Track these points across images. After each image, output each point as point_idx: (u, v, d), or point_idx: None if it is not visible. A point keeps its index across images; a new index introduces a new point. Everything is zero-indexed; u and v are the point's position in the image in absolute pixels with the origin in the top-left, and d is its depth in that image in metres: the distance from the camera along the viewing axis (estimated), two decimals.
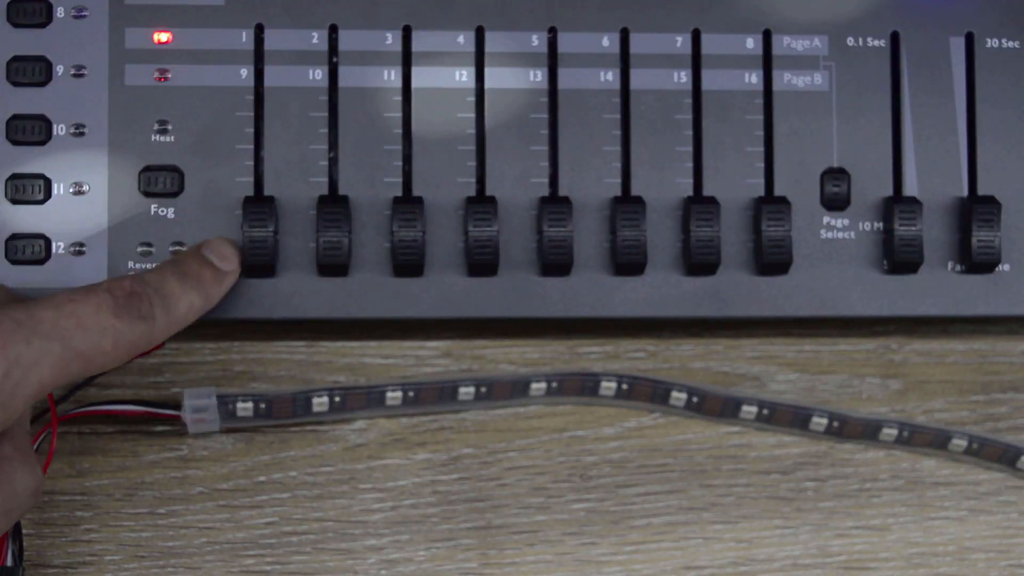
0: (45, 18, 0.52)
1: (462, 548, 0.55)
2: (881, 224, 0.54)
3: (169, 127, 0.52)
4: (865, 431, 0.56)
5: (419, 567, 0.55)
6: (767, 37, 0.54)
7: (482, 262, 0.52)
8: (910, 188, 0.54)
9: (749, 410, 0.56)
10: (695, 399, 0.56)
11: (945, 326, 0.58)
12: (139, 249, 0.52)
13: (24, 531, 0.53)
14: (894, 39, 0.54)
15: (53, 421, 0.52)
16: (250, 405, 0.54)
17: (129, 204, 0.52)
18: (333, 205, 0.52)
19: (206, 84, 0.53)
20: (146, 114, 0.52)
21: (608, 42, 0.54)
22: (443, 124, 0.53)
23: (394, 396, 0.55)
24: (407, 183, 0.53)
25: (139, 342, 0.46)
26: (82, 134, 0.52)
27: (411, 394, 0.55)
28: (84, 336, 0.44)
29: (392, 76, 0.53)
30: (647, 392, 0.56)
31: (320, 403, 0.54)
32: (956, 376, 0.58)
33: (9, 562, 0.52)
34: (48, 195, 0.52)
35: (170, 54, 0.52)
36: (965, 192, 0.54)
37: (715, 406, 0.56)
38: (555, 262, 0.52)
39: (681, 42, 0.54)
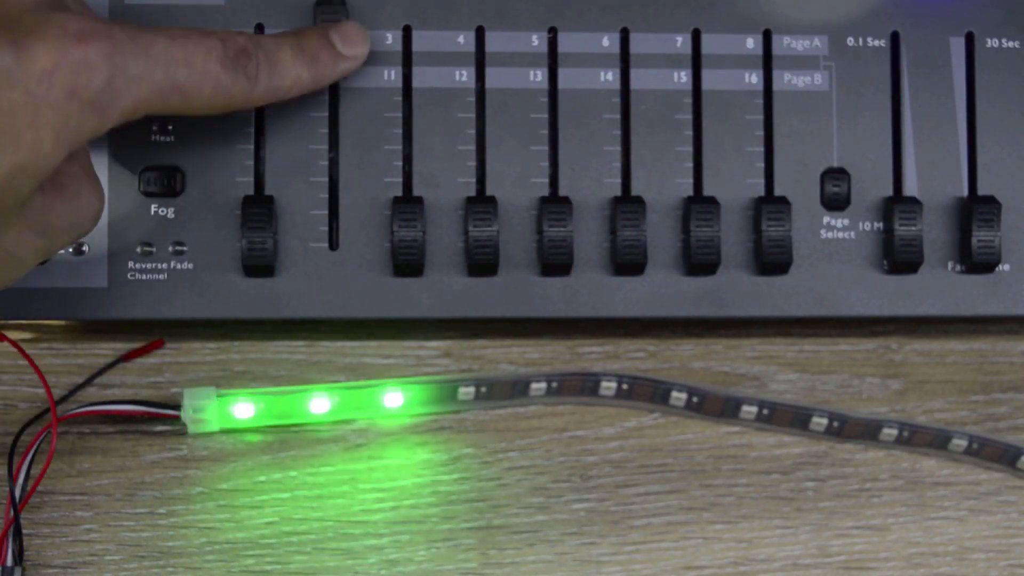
0: None
1: (462, 548, 0.55)
2: (881, 224, 0.54)
3: (169, 127, 0.52)
4: (865, 431, 0.57)
5: (419, 567, 0.55)
6: (767, 37, 0.54)
7: (482, 262, 0.52)
8: (910, 188, 0.54)
9: (749, 410, 0.56)
10: (695, 399, 0.56)
11: (945, 326, 0.58)
12: (139, 249, 0.52)
13: (24, 531, 0.53)
14: (894, 39, 0.54)
15: (53, 421, 0.52)
16: (250, 405, 0.54)
17: (129, 204, 0.52)
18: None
19: None
20: None
21: (608, 42, 0.54)
22: (443, 124, 0.53)
23: (394, 396, 0.55)
24: (407, 183, 0.53)
25: (237, 98, 0.48)
26: None
27: (411, 394, 0.55)
28: (188, 72, 0.46)
29: (392, 76, 0.53)
30: (647, 392, 0.56)
31: (320, 403, 0.54)
32: (956, 376, 0.58)
33: (9, 562, 0.52)
34: None
35: None
36: (965, 192, 0.54)
37: (715, 406, 0.56)
38: (555, 262, 0.52)
39: (681, 42, 0.54)
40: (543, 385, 0.56)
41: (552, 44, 0.54)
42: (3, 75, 0.41)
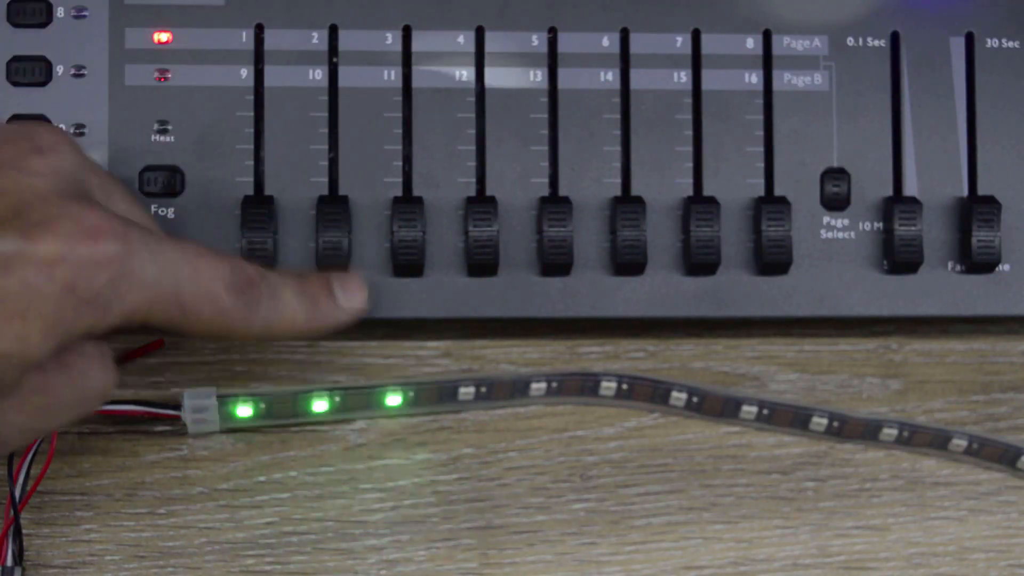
0: (45, 18, 0.52)
1: (462, 548, 0.55)
2: (881, 224, 0.54)
3: (169, 127, 0.52)
4: (865, 431, 0.57)
5: (419, 567, 0.55)
6: (767, 37, 0.54)
7: (482, 262, 0.52)
8: (910, 188, 0.54)
9: (749, 410, 0.56)
10: (695, 399, 0.56)
11: (945, 326, 0.58)
12: None
13: (24, 531, 0.53)
14: (894, 39, 0.54)
15: None
16: (250, 405, 0.54)
17: None
18: (333, 205, 0.52)
19: (206, 84, 0.53)
20: (146, 114, 0.52)
21: (608, 42, 0.54)
22: (443, 124, 0.53)
23: (395, 396, 0.55)
24: (407, 183, 0.53)
25: (234, 325, 0.46)
26: (82, 134, 0.52)
27: (411, 394, 0.55)
28: (193, 290, 0.45)
29: (392, 76, 0.53)
30: (647, 392, 0.56)
31: (320, 403, 0.54)
32: (956, 376, 0.58)
33: (9, 562, 0.52)
34: None
35: (170, 54, 0.53)
36: (965, 192, 0.54)
37: (715, 406, 0.56)
38: (555, 262, 0.52)
39: (681, 42, 0.54)
40: (543, 385, 0.56)
41: (552, 44, 0.54)
42: (5, 262, 0.40)
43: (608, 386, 0.56)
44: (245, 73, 0.53)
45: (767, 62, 0.54)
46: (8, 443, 0.44)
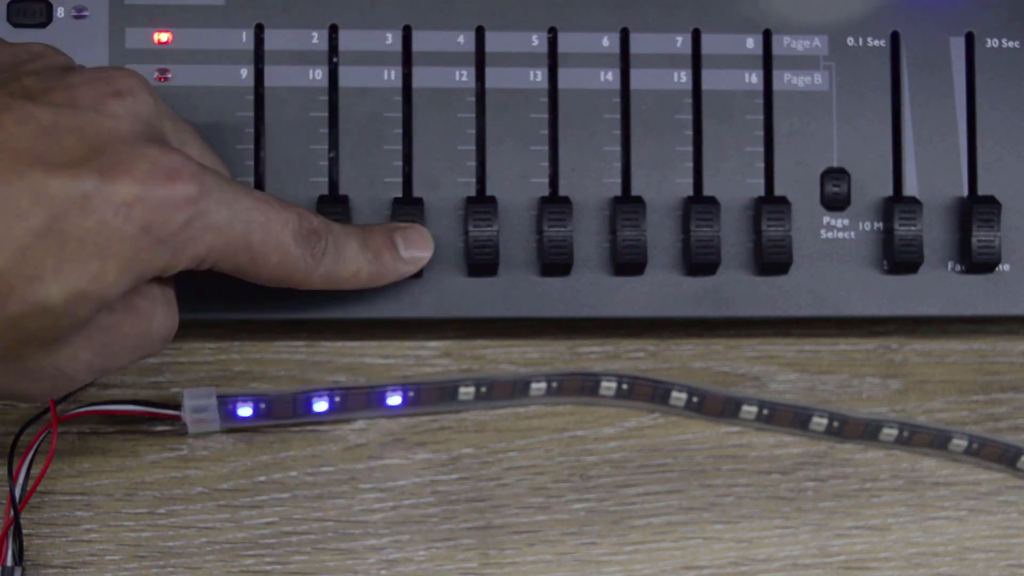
0: (45, 18, 0.52)
1: (462, 548, 0.55)
2: (881, 224, 0.54)
3: None
4: (865, 431, 0.57)
5: (419, 567, 0.55)
6: (767, 37, 0.54)
7: (482, 262, 0.52)
8: (910, 188, 0.54)
9: (749, 410, 0.56)
10: (695, 399, 0.56)
11: (945, 326, 0.58)
12: None
13: (24, 531, 0.53)
14: (894, 39, 0.54)
15: (53, 421, 0.52)
16: (250, 405, 0.54)
17: None
18: (333, 205, 0.52)
19: (206, 84, 0.53)
20: None
21: (608, 42, 0.54)
22: (443, 124, 0.53)
23: (394, 396, 0.55)
24: (407, 183, 0.53)
25: (298, 275, 0.47)
26: None
27: (411, 394, 0.55)
28: (263, 237, 0.46)
29: (392, 76, 0.53)
30: (647, 392, 0.56)
31: (320, 403, 0.54)
32: (956, 376, 0.58)
33: (9, 562, 0.52)
34: None
35: (170, 54, 0.53)
36: (965, 192, 0.54)
37: (715, 406, 0.56)
38: (555, 262, 0.52)
39: (681, 42, 0.54)
40: (543, 385, 0.56)
41: (552, 44, 0.54)
42: (82, 201, 0.41)
43: (608, 386, 0.56)
44: (245, 73, 0.53)
45: (767, 62, 0.54)
46: (75, 379, 0.44)
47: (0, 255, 0.40)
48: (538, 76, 0.53)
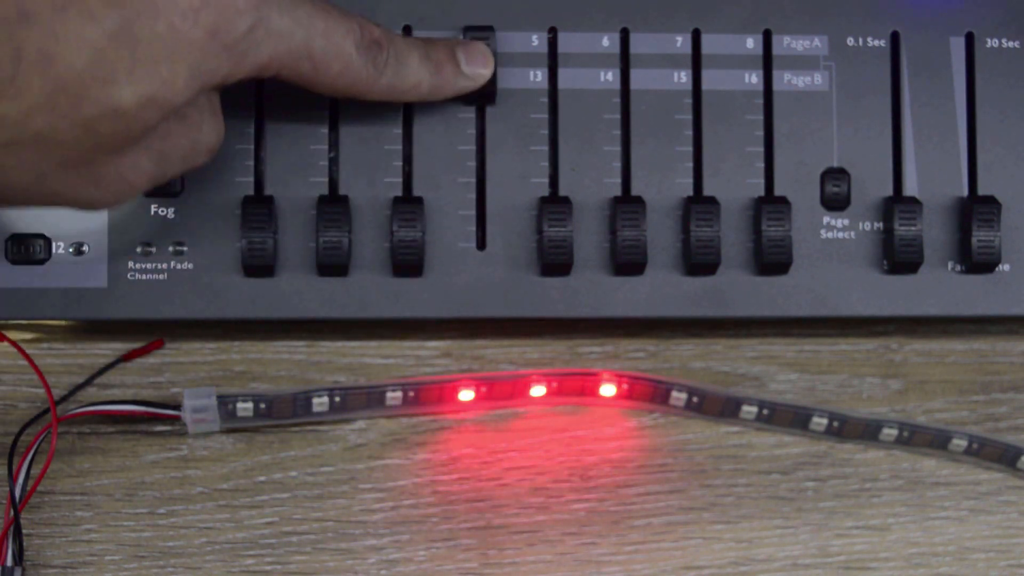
0: None
1: (462, 548, 0.55)
2: (881, 224, 0.54)
3: None
4: (865, 431, 0.57)
5: (419, 567, 0.55)
6: (767, 37, 0.54)
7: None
8: (910, 188, 0.54)
9: (749, 410, 0.56)
10: (695, 399, 0.56)
11: (945, 326, 0.58)
12: (139, 249, 0.52)
13: (24, 531, 0.53)
14: (894, 39, 0.54)
15: (53, 421, 0.52)
16: (250, 405, 0.54)
17: (129, 204, 0.52)
18: (333, 205, 0.52)
19: None
20: None
21: (608, 42, 0.54)
22: (443, 124, 0.53)
23: (394, 396, 0.55)
24: (407, 183, 0.53)
25: (360, 84, 0.48)
26: None
27: (411, 394, 0.55)
28: (325, 44, 0.46)
29: None
30: (647, 392, 0.56)
31: (320, 403, 0.54)
32: (956, 376, 0.58)
33: (9, 562, 0.52)
34: None
35: None
36: (965, 192, 0.54)
37: (715, 406, 0.56)
38: (555, 262, 0.52)
39: (681, 42, 0.54)
40: (543, 385, 0.56)
41: (552, 44, 0.54)
42: (150, 5, 0.41)
43: (609, 386, 0.56)
44: None
45: (767, 62, 0.54)
46: (135, 186, 0.45)
47: (76, 57, 0.40)
48: (538, 76, 0.53)
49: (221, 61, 0.43)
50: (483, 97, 0.52)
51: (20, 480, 0.52)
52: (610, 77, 0.54)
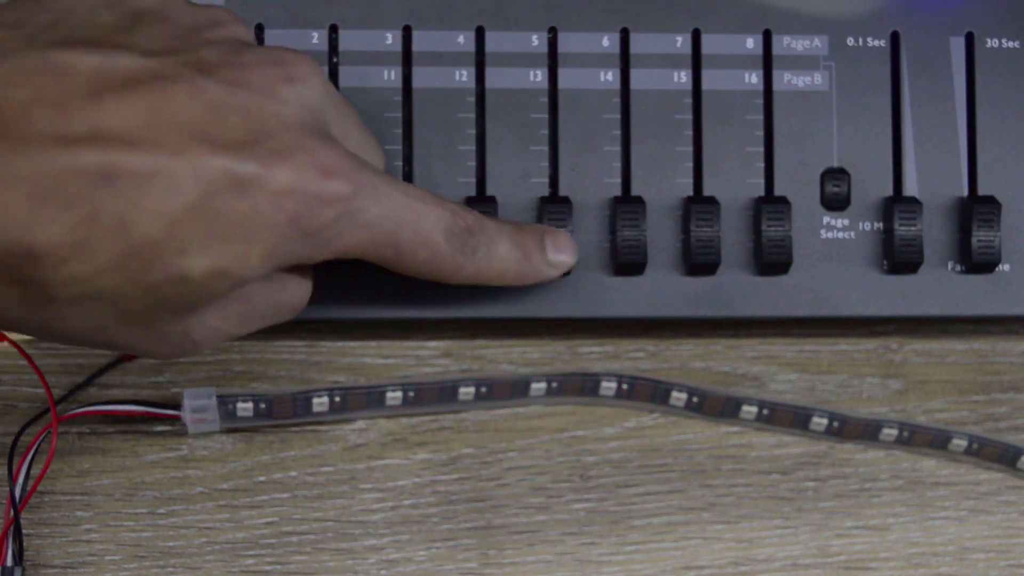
0: None
1: (462, 548, 0.55)
2: (881, 224, 0.54)
3: None
4: (865, 431, 0.57)
5: (419, 567, 0.55)
6: (767, 37, 0.54)
7: None
8: (910, 188, 0.54)
9: (749, 410, 0.56)
10: (695, 399, 0.56)
11: (945, 326, 0.58)
12: None
13: (24, 531, 0.53)
14: (894, 39, 0.54)
15: (53, 421, 0.52)
16: (250, 405, 0.54)
17: None
18: None
19: None
20: None
21: (608, 42, 0.54)
22: (443, 124, 0.53)
23: (394, 396, 0.55)
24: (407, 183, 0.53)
25: (445, 271, 0.47)
26: None
27: (411, 394, 0.55)
28: (412, 235, 0.46)
29: (392, 76, 0.53)
30: (647, 392, 0.56)
31: (320, 403, 0.54)
32: (956, 376, 0.58)
33: (9, 562, 0.52)
34: None
35: None
36: (965, 192, 0.54)
37: (715, 406, 0.56)
38: None
39: (681, 42, 0.54)
40: (543, 385, 0.56)
41: (552, 44, 0.54)
42: (240, 184, 0.41)
43: (608, 386, 0.56)
44: None
45: (767, 62, 0.54)
46: (200, 344, 0.45)
47: (152, 225, 0.40)
48: (538, 76, 0.53)
49: (300, 246, 0.43)
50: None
51: (20, 480, 0.52)
52: (610, 77, 0.54)
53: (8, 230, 0.39)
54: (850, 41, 0.54)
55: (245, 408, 0.54)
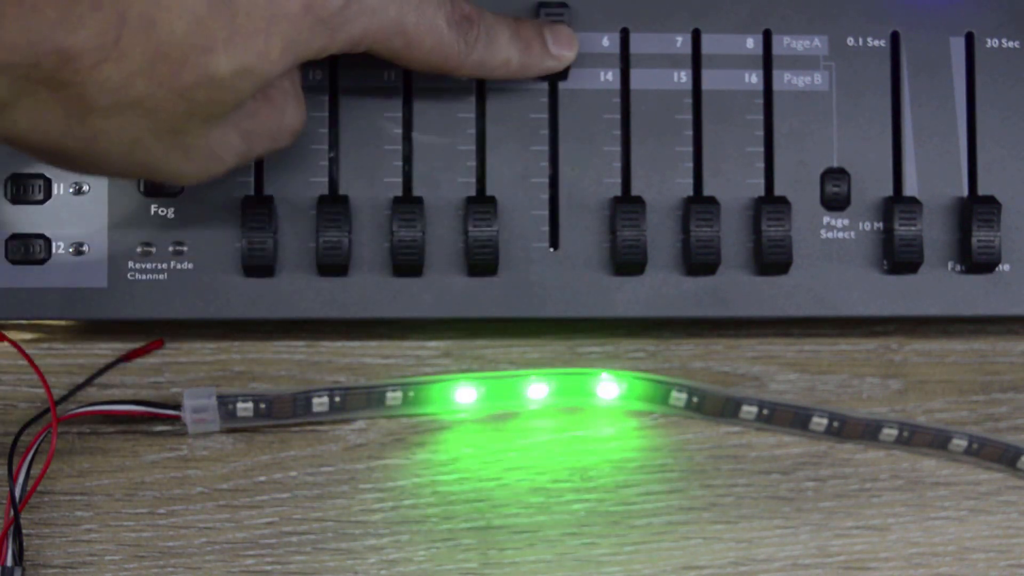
0: None
1: (462, 548, 0.55)
2: (881, 224, 0.54)
3: None
4: (865, 431, 0.57)
5: (419, 567, 0.55)
6: (767, 37, 0.54)
7: (482, 262, 0.52)
8: (910, 188, 0.54)
9: (749, 410, 0.56)
10: (695, 399, 0.56)
11: (945, 326, 0.58)
12: (139, 249, 0.52)
13: (24, 531, 0.53)
14: (894, 39, 0.54)
15: (53, 421, 0.52)
16: (250, 405, 0.54)
17: (129, 204, 0.52)
18: (333, 205, 0.52)
19: None
20: None
21: (608, 42, 0.54)
22: (443, 124, 0.53)
23: (394, 396, 0.55)
24: (407, 183, 0.53)
25: (451, 60, 0.49)
26: None
27: (411, 394, 0.55)
28: (417, 19, 0.47)
29: (392, 76, 0.53)
30: (647, 392, 0.56)
31: (320, 403, 0.54)
32: (956, 376, 0.58)
33: (9, 562, 0.52)
34: (48, 195, 0.52)
35: None
36: (965, 192, 0.54)
37: (715, 406, 0.56)
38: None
39: (681, 42, 0.54)
40: (544, 386, 0.56)
41: None
42: None
43: (609, 386, 0.56)
44: None
45: (767, 62, 0.54)
46: (223, 161, 0.46)
47: (177, 23, 0.41)
48: None
49: (315, 34, 0.44)
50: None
51: (20, 480, 0.52)
52: (610, 77, 0.54)
53: (42, 30, 0.39)
54: (850, 41, 0.54)
55: (245, 408, 0.54)
